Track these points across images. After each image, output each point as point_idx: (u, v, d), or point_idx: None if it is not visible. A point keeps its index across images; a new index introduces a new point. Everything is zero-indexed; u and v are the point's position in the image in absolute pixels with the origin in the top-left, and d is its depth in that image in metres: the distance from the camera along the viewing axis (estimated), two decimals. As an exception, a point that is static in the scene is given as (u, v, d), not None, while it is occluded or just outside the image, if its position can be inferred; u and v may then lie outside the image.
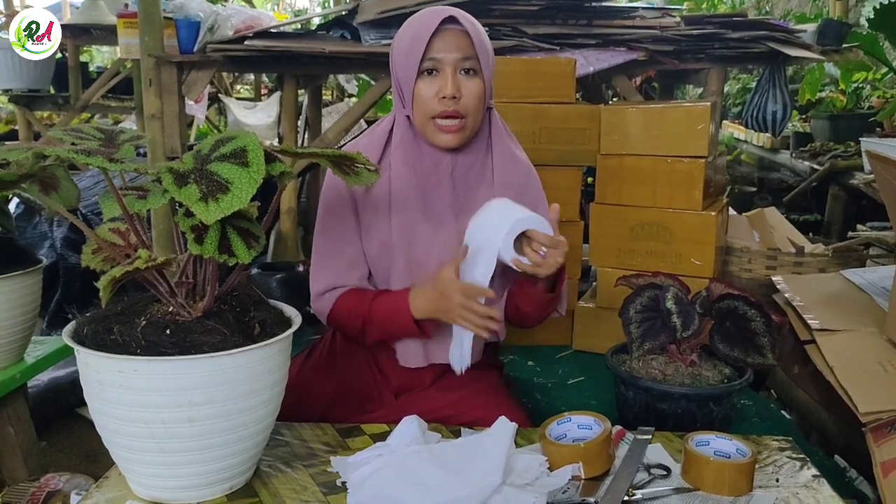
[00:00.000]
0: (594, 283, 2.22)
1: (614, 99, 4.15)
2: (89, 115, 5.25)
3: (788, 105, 2.87)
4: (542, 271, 1.32)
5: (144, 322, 1.01)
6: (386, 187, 1.42)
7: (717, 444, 1.18)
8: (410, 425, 1.22)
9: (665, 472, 1.16)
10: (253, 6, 5.59)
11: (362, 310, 1.40)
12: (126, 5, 3.50)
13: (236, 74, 6.26)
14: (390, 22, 2.62)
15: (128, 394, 0.98)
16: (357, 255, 1.44)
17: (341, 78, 5.64)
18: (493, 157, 1.47)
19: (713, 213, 1.96)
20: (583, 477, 1.13)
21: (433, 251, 1.42)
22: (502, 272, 1.40)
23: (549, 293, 1.42)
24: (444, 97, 1.34)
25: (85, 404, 1.05)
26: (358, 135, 4.50)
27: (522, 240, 1.33)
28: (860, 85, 4.48)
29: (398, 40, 1.41)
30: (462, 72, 1.36)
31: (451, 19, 1.35)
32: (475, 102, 1.38)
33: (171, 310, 1.04)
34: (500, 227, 1.32)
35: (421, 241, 1.42)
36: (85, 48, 6.19)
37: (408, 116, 1.42)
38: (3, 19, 5.01)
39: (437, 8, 1.38)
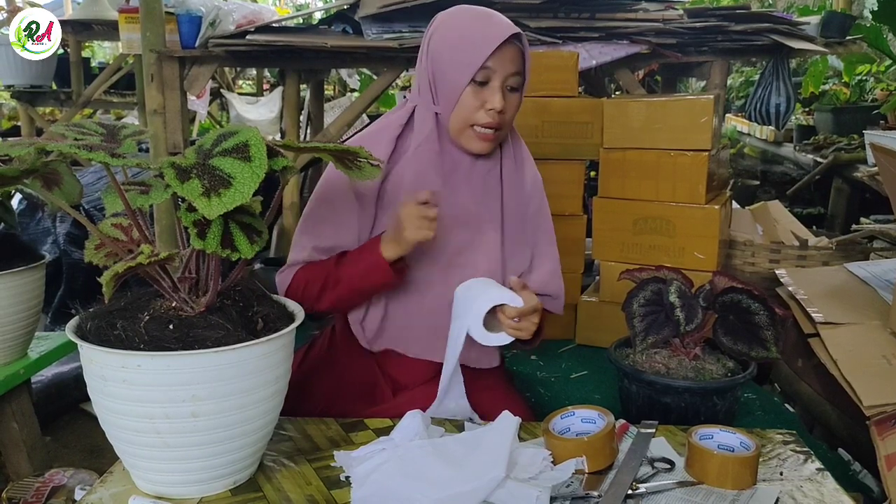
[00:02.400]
0: (597, 278, 2.22)
1: (617, 92, 4.14)
2: (91, 111, 5.25)
3: (792, 98, 2.86)
4: (521, 335, 1.35)
5: (147, 317, 1.01)
6: (402, 182, 1.41)
7: (720, 438, 1.18)
8: (413, 420, 1.22)
9: (669, 466, 1.16)
10: (254, 1, 5.58)
11: (324, 270, 1.39)
12: (127, 0, 3.49)
13: (238, 70, 6.26)
14: (392, 16, 2.61)
15: (131, 389, 0.98)
16: (340, 245, 1.42)
17: (343, 72, 5.64)
18: (503, 163, 1.48)
19: (716, 207, 1.95)
20: (586, 471, 1.13)
21: (445, 248, 1.42)
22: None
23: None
24: (491, 109, 1.35)
25: (89, 400, 1.06)
26: (364, 126, 4.52)
27: (496, 309, 1.35)
28: (864, 77, 4.47)
29: (444, 37, 1.38)
30: (508, 87, 1.38)
31: (516, 36, 1.36)
32: (514, 115, 1.42)
33: (174, 305, 1.04)
34: (469, 311, 1.33)
35: (434, 239, 1.39)
36: (87, 44, 6.19)
37: (436, 113, 1.41)
38: (5, 15, 5.00)
39: (497, 18, 1.37)
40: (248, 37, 2.65)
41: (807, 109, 4.85)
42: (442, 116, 1.40)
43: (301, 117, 3.72)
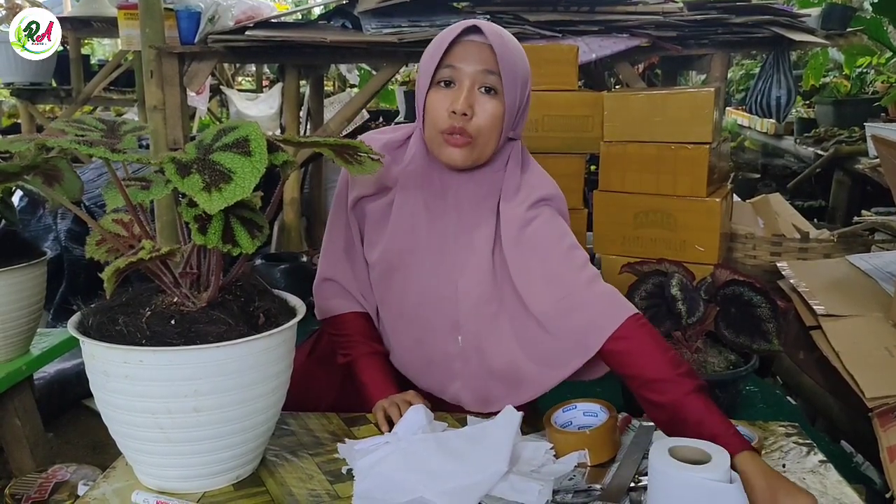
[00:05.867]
0: (598, 271, 2.21)
1: (617, 86, 4.13)
2: (91, 108, 5.25)
3: (792, 90, 2.86)
4: None
5: (149, 313, 1.01)
6: (390, 203, 1.35)
7: (723, 430, 1.18)
8: (417, 414, 1.22)
9: (671, 459, 1.16)
10: (253, -4, 5.56)
11: (347, 356, 1.39)
12: (126, -3, 3.49)
13: (238, 66, 6.25)
14: (391, 11, 2.61)
15: (133, 384, 0.98)
16: (350, 260, 1.41)
17: (343, 68, 5.64)
18: (504, 192, 1.33)
19: (717, 200, 1.95)
20: (588, 464, 1.13)
21: (431, 278, 1.35)
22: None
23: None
24: (453, 112, 1.22)
25: (91, 395, 1.06)
26: (365, 121, 4.49)
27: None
28: (864, 70, 4.47)
29: (425, 51, 1.29)
30: (482, 89, 1.24)
31: (475, 29, 1.24)
32: (489, 124, 1.25)
33: (175, 300, 1.04)
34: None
35: (419, 265, 1.35)
36: (86, 41, 6.18)
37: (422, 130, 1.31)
38: (4, 12, 5.00)
39: (465, 19, 1.30)
40: (247, 32, 2.65)
41: (807, 102, 4.84)
42: (423, 130, 1.30)
43: (301, 113, 3.72)
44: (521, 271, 1.29)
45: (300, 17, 4.37)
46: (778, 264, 2.26)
